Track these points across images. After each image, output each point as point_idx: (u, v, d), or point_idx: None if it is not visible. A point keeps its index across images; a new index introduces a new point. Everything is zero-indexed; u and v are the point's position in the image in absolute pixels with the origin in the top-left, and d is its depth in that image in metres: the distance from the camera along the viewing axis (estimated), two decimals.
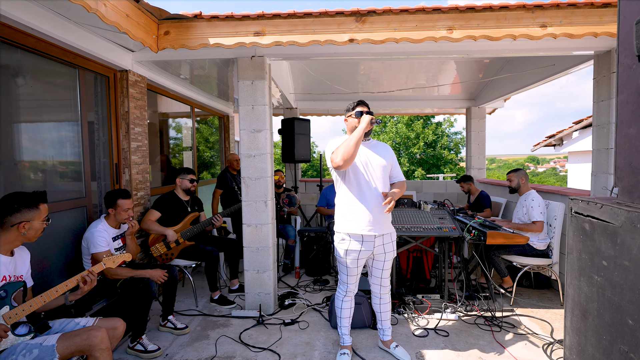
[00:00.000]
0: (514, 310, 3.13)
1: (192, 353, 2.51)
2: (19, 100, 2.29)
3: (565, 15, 2.38)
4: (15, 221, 1.57)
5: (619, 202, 1.50)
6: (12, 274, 1.62)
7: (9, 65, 2.20)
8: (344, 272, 2.31)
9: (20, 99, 2.30)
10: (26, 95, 2.36)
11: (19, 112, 2.30)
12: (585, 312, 1.66)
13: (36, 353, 1.48)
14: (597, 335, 1.57)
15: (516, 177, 3.47)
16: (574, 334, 1.76)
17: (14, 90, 2.26)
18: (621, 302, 1.40)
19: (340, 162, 2.06)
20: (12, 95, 2.25)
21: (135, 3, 2.24)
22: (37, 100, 2.47)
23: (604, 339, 1.52)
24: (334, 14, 2.46)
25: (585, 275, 1.66)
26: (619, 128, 1.52)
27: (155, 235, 3.12)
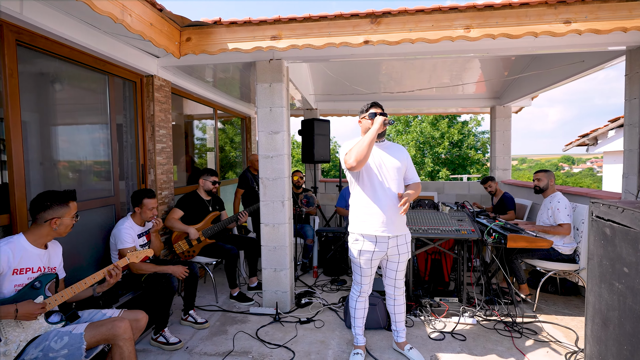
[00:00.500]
0: (536, 317, 3.03)
1: (211, 347, 2.60)
2: (55, 105, 2.48)
3: (591, 10, 2.28)
4: (47, 217, 1.70)
5: None
6: (46, 265, 1.76)
7: (47, 72, 2.38)
8: (357, 272, 2.33)
9: (56, 104, 2.49)
10: (62, 101, 2.54)
11: (55, 116, 2.48)
12: (606, 321, 1.59)
13: (66, 340, 1.60)
14: (618, 345, 1.50)
15: (546, 177, 3.34)
16: (594, 342, 1.68)
17: (52, 95, 2.44)
18: None
19: (353, 163, 2.08)
20: (50, 101, 2.43)
21: (158, 12, 2.36)
22: (71, 105, 2.66)
23: (624, 349, 1.45)
24: (349, 16, 2.48)
25: (606, 282, 1.59)
26: None
27: (178, 232, 3.26)
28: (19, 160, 2.05)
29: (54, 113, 2.47)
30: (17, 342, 1.55)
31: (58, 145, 2.51)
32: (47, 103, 2.41)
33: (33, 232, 1.70)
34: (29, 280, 1.65)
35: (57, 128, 2.52)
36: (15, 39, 2.01)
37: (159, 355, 2.49)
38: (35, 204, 1.70)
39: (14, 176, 2.01)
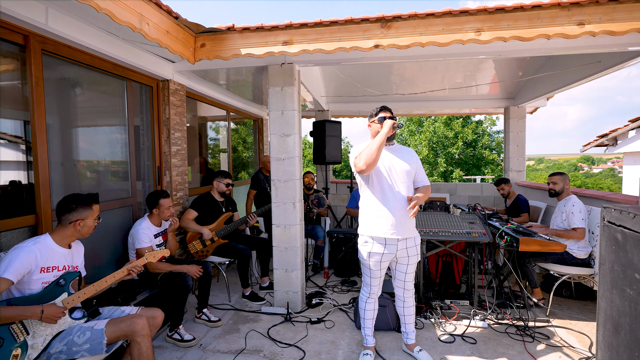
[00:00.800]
0: (549, 321, 2.99)
1: (224, 345, 2.68)
2: (77, 110, 2.59)
3: (605, 11, 2.24)
4: (72, 219, 1.79)
5: None
6: (70, 264, 1.85)
7: (69, 78, 2.50)
8: (367, 274, 2.36)
9: (78, 108, 2.60)
10: (83, 105, 2.66)
11: (77, 120, 2.60)
12: (618, 327, 1.57)
13: (88, 335, 1.68)
14: (629, 352, 1.49)
15: (562, 181, 3.29)
16: (605, 348, 1.67)
17: (73, 100, 2.56)
18: None
19: (363, 166, 2.11)
20: (72, 105, 2.54)
21: (174, 20, 2.44)
22: (91, 109, 2.77)
23: (636, 356, 1.44)
24: (359, 21, 2.51)
25: (618, 288, 1.57)
26: None
27: (192, 233, 3.35)
28: (44, 163, 2.16)
29: (75, 117, 2.59)
30: (44, 336, 1.64)
31: (79, 147, 2.62)
32: (69, 107, 2.52)
33: (58, 233, 1.80)
34: (55, 278, 1.75)
35: (78, 131, 2.63)
36: (41, 48, 2.12)
37: (174, 352, 2.57)
38: (61, 206, 1.79)
39: (40, 178, 2.12)
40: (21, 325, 1.60)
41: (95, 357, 1.72)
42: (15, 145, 2.12)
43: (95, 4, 1.74)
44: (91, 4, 1.72)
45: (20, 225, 2.04)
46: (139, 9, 2.08)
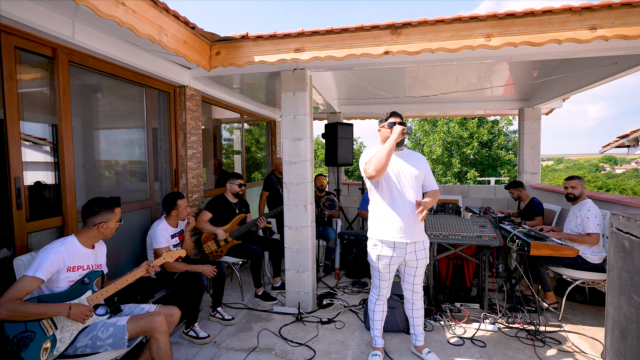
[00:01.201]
0: (561, 326, 2.97)
1: (237, 342, 2.77)
2: (99, 115, 2.73)
3: (618, 15, 2.23)
4: (96, 221, 1.91)
5: None
6: (94, 263, 1.97)
7: (92, 85, 2.63)
8: (376, 276, 2.41)
9: (100, 114, 2.74)
10: (104, 111, 2.79)
11: (99, 125, 2.74)
12: (625, 333, 1.58)
13: (111, 330, 1.79)
14: (636, 358, 1.49)
15: (581, 185, 3.25)
16: (613, 354, 1.67)
17: (96, 107, 2.69)
18: None
19: (373, 172, 2.16)
20: (94, 112, 2.68)
21: (191, 30, 2.55)
22: (113, 115, 2.91)
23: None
24: (369, 28, 2.56)
25: (625, 295, 1.58)
26: None
27: (207, 234, 3.46)
28: (70, 168, 2.29)
29: (98, 122, 2.73)
30: (71, 331, 1.76)
31: (102, 151, 2.76)
32: (92, 113, 2.66)
33: (83, 234, 1.91)
34: (80, 276, 1.86)
35: (101, 136, 2.77)
36: (68, 59, 2.26)
37: (189, 349, 2.68)
38: (86, 209, 1.91)
39: (66, 182, 2.26)
40: (50, 321, 1.72)
41: (117, 352, 1.83)
42: (44, 149, 2.25)
43: (118, 20, 1.85)
44: (115, 19, 1.83)
45: (48, 227, 2.18)
46: (158, 21, 2.18)
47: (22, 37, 1.99)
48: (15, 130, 1.94)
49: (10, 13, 1.79)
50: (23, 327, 1.64)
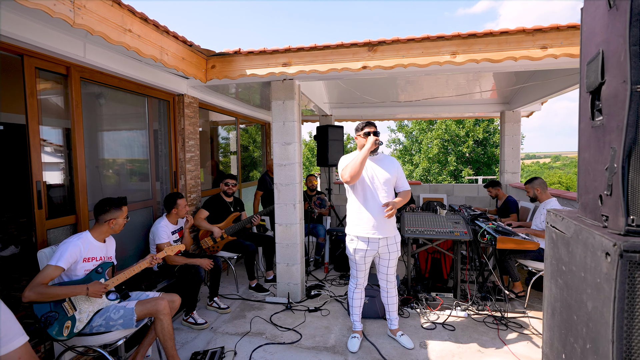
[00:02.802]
0: (525, 313, 3.29)
1: (232, 328, 3.07)
2: (106, 123, 3.02)
3: (566, 36, 2.53)
4: (106, 218, 2.20)
5: (578, 215, 1.72)
6: (105, 255, 2.26)
7: (100, 97, 2.92)
8: (354, 267, 2.71)
9: (106, 123, 3.03)
10: (111, 120, 3.08)
11: (106, 132, 3.03)
12: (554, 311, 1.88)
13: (122, 312, 2.09)
14: (559, 330, 1.80)
15: (531, 188, 3.58)
16: (547, 329, 1.98)
17: (103, 116, 2.98)
18: (571, 301, 1.63)
19: (348, 178, 2.46)
20: (102, 120, 2.97)
21: (189, 47, 2.84)
22: (118, 123, 3.20)
23: (562, 333, 1.75)
24: (349, 45, 2.85)
25: (554, 279, 1.88)
26: (579, 152, 1.73)
27: (204, 230, 3.76)
28: (82, 172, 2.58)
29: (105, 130, 3.02)
30: (87, 312, 2.06)
31: (109, 156, 3.05)
32: (100, 122, 2.95)
33: (96, 230, 2.21)
34: (94, 266, 2.16)
35: (108, 142, 3.06)
36: (80, 76, 2.54)
37: (189, 333, 2.98)
38: (98, 208, 2.21)
39: (78, 184, 2.55)
40: (71, 303, 2.01)
41: (127, 331, 2.13)
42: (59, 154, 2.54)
43: (126, 45, 2.14)
44: (123, 45, 2.12)
45: (64, 224, 2.47)
46: (160, 42, 2.48)
47: (41, 59, 2.27)
48: (36, 140, 2.23)
49: (32, 39, 2.07)
50: (48, 307, 1.94)
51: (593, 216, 1.56)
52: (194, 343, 2.82)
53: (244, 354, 2.65)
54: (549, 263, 1.98)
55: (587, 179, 1.69)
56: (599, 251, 1.35)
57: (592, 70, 1.55)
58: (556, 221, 1.86)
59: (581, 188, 1.75)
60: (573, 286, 1.64)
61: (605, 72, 1.46)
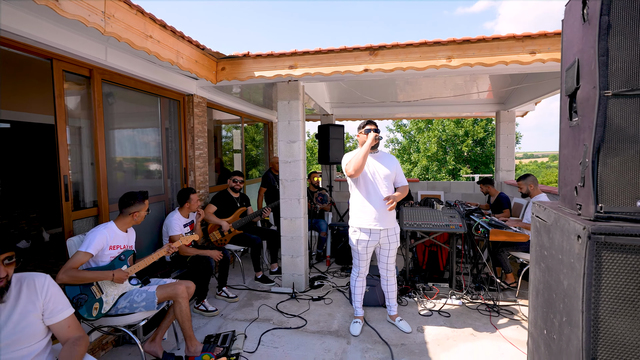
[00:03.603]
0: (516, 301, 3.50)
1: (240, 315, 3.27)
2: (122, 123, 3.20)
3: (552, 42, 2.73)
4: (130, 211, 2.39)
5: (559, 205, 1.92)
6: (127, 244, 2.45)
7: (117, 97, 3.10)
8: (356, 257, 2.91)
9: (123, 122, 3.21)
10: (127, 119, 3.26)
11: (123, 130, 3.21)
12: (537, 292, 2.08)
13: (144, 295, 2.28)
14: (542, 310, 1.99)
15: (524, 184, 3.78)
16: (532, 310, 2.18)
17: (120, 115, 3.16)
18: (551, 281, 1.83)
19: (352, 171, 2.66)
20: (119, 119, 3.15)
21: (201, 51, 3.02)
22: (133, 122, 3.38)
23: (544, 311, 1.95)
24: (351, 49, 3.04)
25: (538, 263, 2.08)
26: (560, 149, 1.93)
27: (212, 224, 3.95)
28: (103, 168, 2.77)
29: (122, 128, 3.20)
30: (113, 295, 2.25)
31: (125, 153, 3.23)
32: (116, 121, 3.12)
33: (120, 221, 2.40)
34: (118, 254, 2.35)
35: (124, 140, 3.24)
36: (101, 78, 2.73)
37: (200, 319, 3.18)
38: (123, 201, 2.40)
39: (100, 179, 2.74)
40: (98, 287, 2.20)
41: (148, 312, 2.32)
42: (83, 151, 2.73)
43: (147, 49, 2.32)
44: (145, 50, 2.31)
45: (87, 216, 2.66)
46: (176, 46, 2.66)
47: (67, 62, 2.46)
48: (63, 138, 2.41)
49: (61, 44, 2.25)
50: (78, 290, 2.13)
51: (570, 205, 1.77)
52: (206, 328, 3.02)
53: (254, 337, 2.84)
54: (534, 250, 2.18)
55: (566, 173, 1.89)
56: (573, 235, 1.56)
57: (570, 76, 1.75)
58: (539, 211, 2.06)
59: (561, 181, 1.96)
60: (553, 268, 1.84)
61: (580, 78, 1.66)
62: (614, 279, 1.39)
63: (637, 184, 1.43)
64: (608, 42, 1.47)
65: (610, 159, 1.47)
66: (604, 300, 1.40)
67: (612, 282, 1.39)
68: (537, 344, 2.09)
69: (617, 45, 1.46)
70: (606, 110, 1.47)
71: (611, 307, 1.40)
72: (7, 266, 1.37)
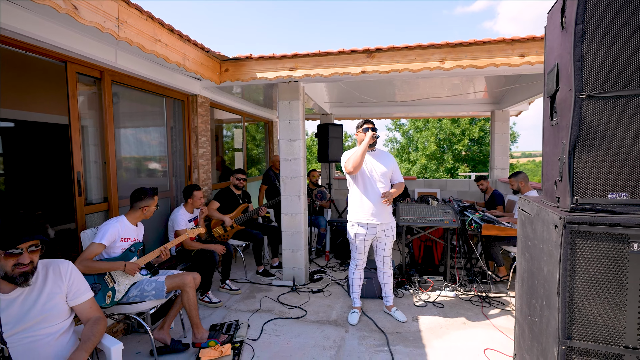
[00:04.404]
0: (507, 293, 3.65)
1: (243, 306, 3.41)
2: (129, 122, 3.33)
3: (540, 46, 2.87)
4: (141, 205, 2.53)
5: (542, 199, 2.07)
6: (137, 237, 2.59)
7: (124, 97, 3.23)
8: (354, 250, 3.05)
9: (130, 121, 3.34)
10: (133, 118, 3.39)
11: (131, 130, 3.34)
12: (523, 280, 2.22)
13: (154, 284, 2.42)
14: (527, 296, 2.14)
15: (515, 181, 3.93)
16: (518, 297, 2.32)
17: (127, 115, 3.29)
18: (533, 269, 1.98)
19: (351, 168, 2.80)
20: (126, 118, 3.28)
21: (206, 53, 3.16)
22: (140, 121, 3.51)
23: (528, 297, 2.09)
24: (350, 52, 3.18)
25: (523, 253, 2.22)
26: (543, 147, 2.08)
27: (215, 220, 4.09)
28: (113, 165, 2.90)
29: (129, 127, 3.33)
30: (124, 284, 2.39)
31: (132, 151, 3.37)
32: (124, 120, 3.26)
33: (131, 215, 2.54)
34: (129, 246, 2.49)
35: (131, 138, 3.37)
36: (111, 79, 2.86)
37: (205, 310, 3.32)
38: (134, 196, 2.53)
39: (110, 176, 2.87)
40: (111, 276, 2.34)
41: (158, 301, 2.46)
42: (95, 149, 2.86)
43: (156, 53, 2.46)
44: (154, 53, 2.44)
45: (98, 210, 2.79)
46: (183, 49, 2.80)
47: (80, 64, 2.59)
48: (76, 136, 2.55)
49: (75, 47, 2.39)
50: (93, 279, 2.26)
51: (551, 198, 1.92)
52: (210, 318, 3.16)
53: (257, 326, 2.98)
54: (520, 241, 2.33)
55: (547, 168, 2.04)
56: (551, 225, 1.71)
57: (551, 79, 1.90)
58: (524, 205, 2.21)
59: (544, 176, 2.10)
60: (535, 256, 1.99)
61: (559, 81, 1.81)
62: (586, 264, 1.54)
63: (608, 178, 1.58)
64: (583, 48, 1.61)
65: (585, 155, 1.62)
66: (578, 284, 1.55)
67: (585, 267, 1.54)
68: (522, 329, 2.24)
69: (590, 51, 1.60)
70: (581, 111, 1.62)
71: (584, 290, 1.54)
72: (31, 253, 1.50)
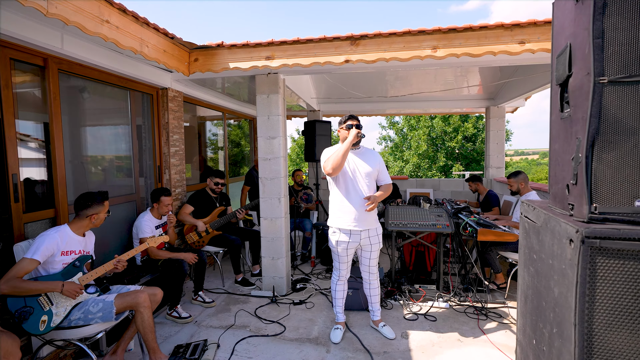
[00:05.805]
0: (505, 303, 3.36)
1: (216, 321, 3.08)
2: (86, 117, 2.98)
3: (542, 31, 2.58)
4: (88, 213, 2.18)
5: (549, 205, 1.77)
6: (84, 249, 2.24)
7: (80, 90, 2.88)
8: (336, 259, 2.74)
9: (87, 116, 2.99)
10: (91, 113, 3.04)
11: (87, 126, 2.99)
12: (526, 298, 1.93)
13: (101, 305, 2.08)
14: (531, 317, 1.85)
15: (515, 182, 3.65)
16: (520, 317, 2.03)
17: (83, 109, 2.94)
18: (540, 288, 1.69)
19: (330, 170, 2.48)
20: (82, 113, 2.93)
21: (170, 40, 2.81)
22: (99, 116, 3.16)
23: (533, 319, 1.80)
24: (331, 39, 2.86)
25: (527, 267, 1.93)
26: (550, 144, 1.78)
27: (189, 225, 3.74)
28: (61, 165, 2.55)
29: (85, 123, 2.97)
30: (65, 306, 2.04)
31: (89, 150, 3.01)
32: (80, 115, 2.90)
33: (75, 224, 2.19)
34: (72, 260, 2.14)
35: (88, 136, 3.02)
36: (58, 68, 2.50)
37: (172, 327, 2.98)
38: (78, 203, 2.18)
39: (57, 178, 2.52)
40: (47, 298, 1.99)
41: (106, 324, 2.12)
42: (36, 147, 2.50)
43: (103, 36, 2.11)
44: (100, 36, 2.09)
45: (42, 218, 2.44)
46: (140, 34, 2.45)
47: (16, 50, 2.23)
48: (11, 132, 2.19)
49: (7, 29, 2.03)
50: (23, 302, 1.92)
51: (561, 205, 1.61)
52: (177, 336, 2.82)
53: (227, 347, 2.66)
54: (522, 252, 2.03)
55: (556, 169, 1.73)
56: (564, 238, 1.40)
57: (561, 63, 1.59)
58: (528, 211, 1.91)
59: (552, 178, 1.80)
60: (542, 273, 1.69)
61: (573, 64, 1.50)
62: (609, 288, 1.24)
63: (636, 181, 1.28)
64: (604, 22, 1.30)
65: (606, 153, 1.31)
66: (599, 312, 1.25)
67: (608, 291, 1.24)
68: (525, 354, 1.94)
69: (613, 26, 1.30)
70: (601, 100, 1.31)
71: (607, 320, 1.24)
72: None
